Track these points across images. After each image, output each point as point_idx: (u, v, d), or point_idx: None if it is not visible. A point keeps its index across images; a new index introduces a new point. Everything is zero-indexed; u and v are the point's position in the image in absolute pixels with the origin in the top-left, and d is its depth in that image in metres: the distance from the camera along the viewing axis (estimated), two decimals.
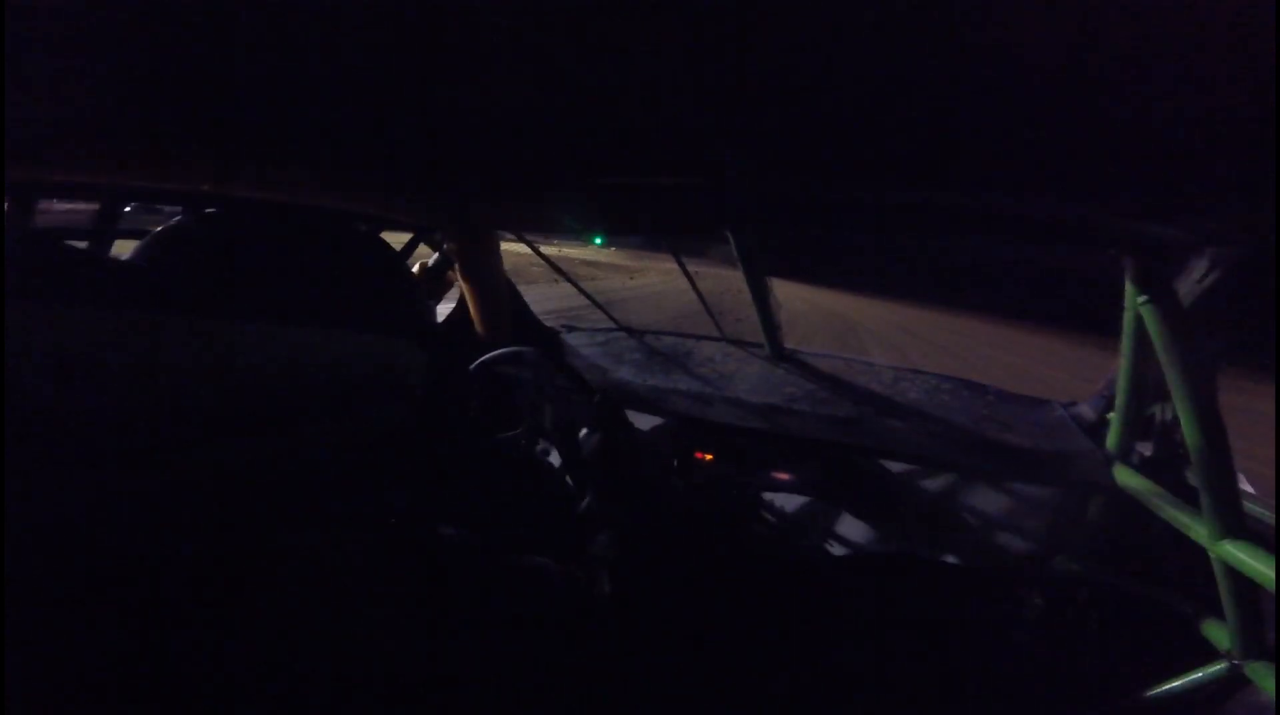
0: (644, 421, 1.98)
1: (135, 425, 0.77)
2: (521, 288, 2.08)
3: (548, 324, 2.28)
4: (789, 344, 2.02)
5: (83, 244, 1.27)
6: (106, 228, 1.28)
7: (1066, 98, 0.51)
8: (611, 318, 2.35)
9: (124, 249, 1.24)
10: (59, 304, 0.72)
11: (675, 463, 1.83)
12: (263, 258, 1.22)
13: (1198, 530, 1.12)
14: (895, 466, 1.69)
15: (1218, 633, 1.16)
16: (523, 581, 1.30)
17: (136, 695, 0.76)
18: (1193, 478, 1.14)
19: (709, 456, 1.80)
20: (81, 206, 1.33)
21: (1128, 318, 1.26)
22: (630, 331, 2.25)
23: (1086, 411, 1.64)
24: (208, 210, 1.20)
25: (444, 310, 2.10)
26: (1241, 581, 1.06)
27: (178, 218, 1.20)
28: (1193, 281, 1.14)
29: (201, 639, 0.83)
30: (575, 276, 2.29)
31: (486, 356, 1.59)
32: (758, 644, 1.74)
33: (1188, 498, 1.22)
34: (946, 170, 0.85)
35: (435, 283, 2.00)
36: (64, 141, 0.77)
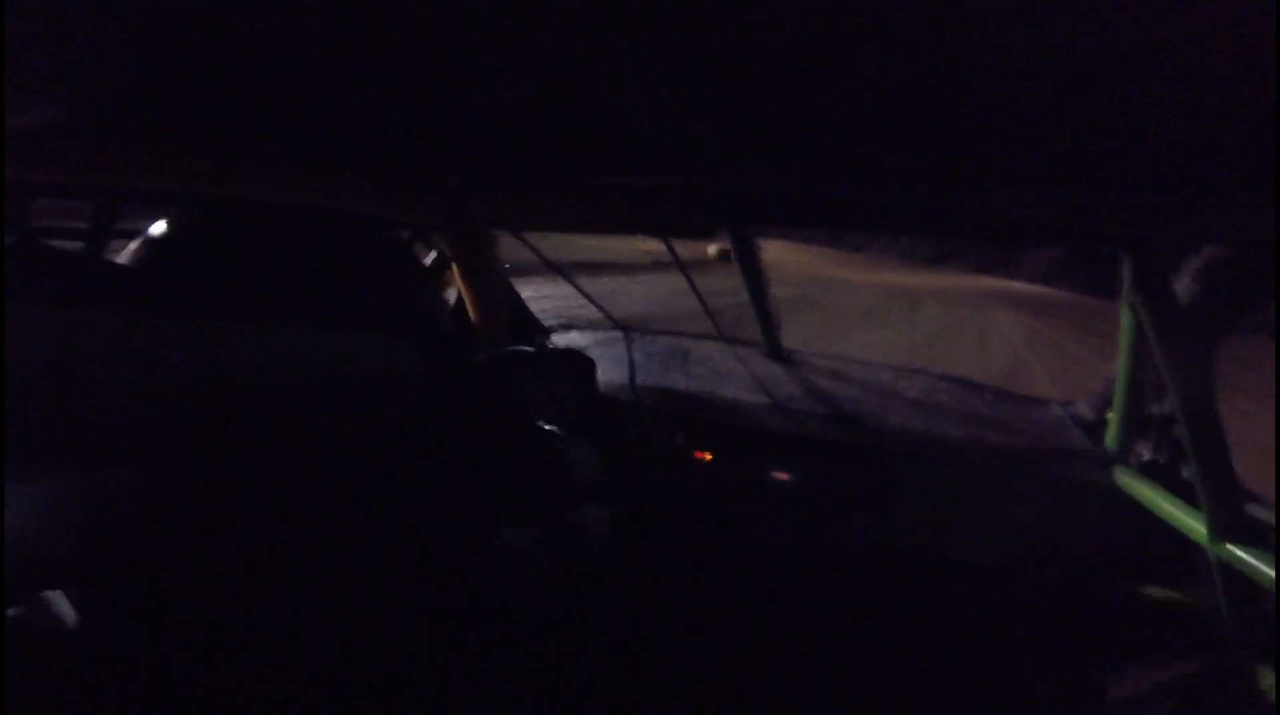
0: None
1: (135, 426, 0.77)
2: None
3: (546, 323, 2.28)
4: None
5: (80, 245, 1.27)
6: (103, 229, 1.28)
7: (1066, 97, 0.51)
8: (610, 317, 2.35)
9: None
10: (58, 306, 0.72)
11: (676, 457, 1.83)
12: (261, 258, 1.22)
13: (1197, 529, 1.12)
14: (894, 466, 1.69)
15: (1217, 632, 1.16)
16: (515, 574, 1.30)
17: (137, 695, 0.75)
18: (1191, 476, 1.14)
19: (708, 456, 1.80)
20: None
21: (1125, 316, 1.26)
22: (628, 330, 2.25)
23: (1085, 411, 1.64)
24: (204, 211, 1.19)
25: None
26: (1241, 581, 1.06)
27: (167, 218, 1.19)
28: (1190, 280, 1.15)
29: (202, 638, 0.83)
30: None
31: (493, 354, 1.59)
32: (758, 644, 1.74)
33: (1187, 497, 1.22)
34: (945, 170, 0.85)
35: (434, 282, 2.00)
36: (64, 141, 0.77)
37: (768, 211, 1.20)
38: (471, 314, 1.91)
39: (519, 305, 2.12)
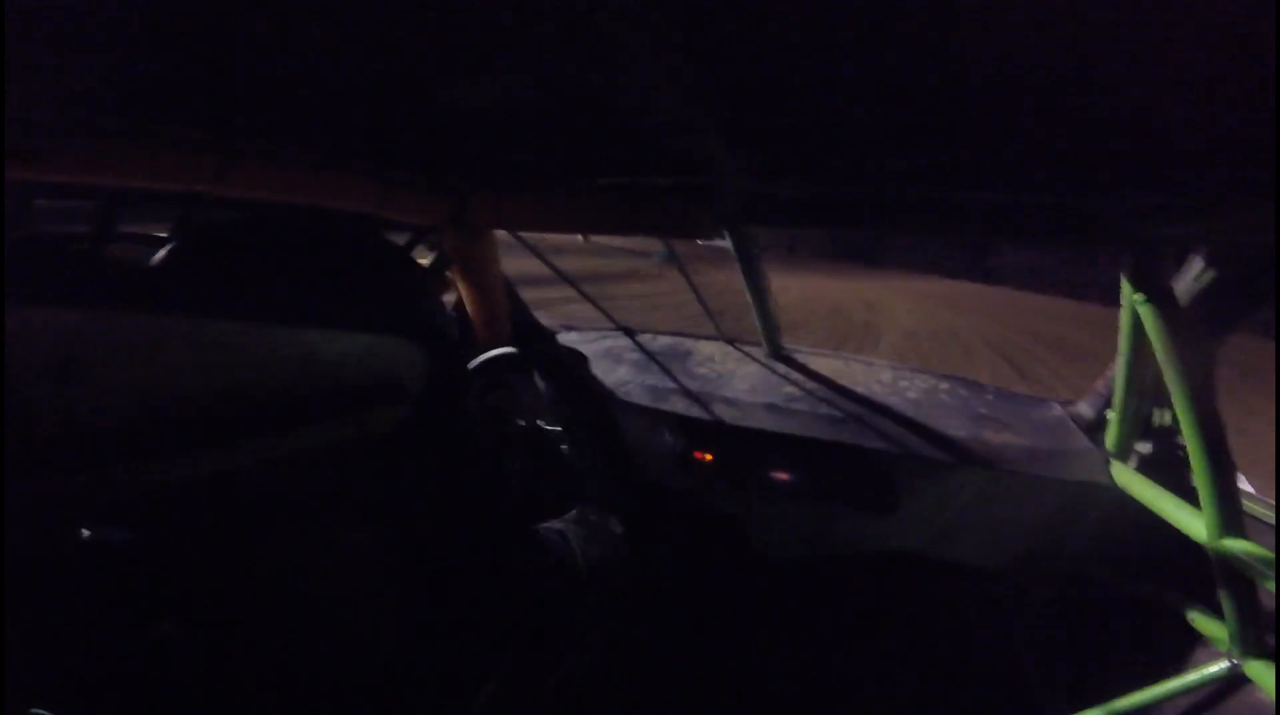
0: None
1: (136, 427, 0.77)
2: None
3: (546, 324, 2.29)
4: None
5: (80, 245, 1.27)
6: (104, 229, 1.28)
7: (1067, 97, 0.51)
8: (610, 317, 2.35)
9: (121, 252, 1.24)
10: (59, 306, 0.72)
11: (680, 460, 1.83)
12: (262, 259, 1.22)
13: (1197, 529, 1.12)
14: (894, 465, 1.70)
15: (1217, 632, 1.16)
16: (524, 574, 1.30)
17: (137, 696, 0.75)
18: (1191, 476, 1.15)
19: (708, 456, 1.80)
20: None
21: (1125, 316, 1.26)
22: (629, 331, 2.25)
23: (1085, 410, 1.64)
24: (208, 212, 1.19)
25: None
26: (1241, 580, 1.06)
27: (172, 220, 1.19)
28: (1190, 280, 1.15)
29: (202, 639, 0.83)
30: None
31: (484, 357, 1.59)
32: (758, 644, 1.74)
33: (1187, 496, 1.22)
34: (947, 168, 0.85)
35: (433, 283, 2.00)
36: (64, 141, 0.77)
37: (768, 211, 1.21)
38: (472, 315, 1.91)
39: (520, 308, 2.12)
